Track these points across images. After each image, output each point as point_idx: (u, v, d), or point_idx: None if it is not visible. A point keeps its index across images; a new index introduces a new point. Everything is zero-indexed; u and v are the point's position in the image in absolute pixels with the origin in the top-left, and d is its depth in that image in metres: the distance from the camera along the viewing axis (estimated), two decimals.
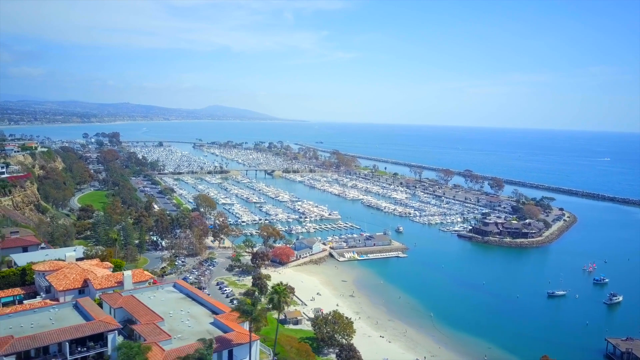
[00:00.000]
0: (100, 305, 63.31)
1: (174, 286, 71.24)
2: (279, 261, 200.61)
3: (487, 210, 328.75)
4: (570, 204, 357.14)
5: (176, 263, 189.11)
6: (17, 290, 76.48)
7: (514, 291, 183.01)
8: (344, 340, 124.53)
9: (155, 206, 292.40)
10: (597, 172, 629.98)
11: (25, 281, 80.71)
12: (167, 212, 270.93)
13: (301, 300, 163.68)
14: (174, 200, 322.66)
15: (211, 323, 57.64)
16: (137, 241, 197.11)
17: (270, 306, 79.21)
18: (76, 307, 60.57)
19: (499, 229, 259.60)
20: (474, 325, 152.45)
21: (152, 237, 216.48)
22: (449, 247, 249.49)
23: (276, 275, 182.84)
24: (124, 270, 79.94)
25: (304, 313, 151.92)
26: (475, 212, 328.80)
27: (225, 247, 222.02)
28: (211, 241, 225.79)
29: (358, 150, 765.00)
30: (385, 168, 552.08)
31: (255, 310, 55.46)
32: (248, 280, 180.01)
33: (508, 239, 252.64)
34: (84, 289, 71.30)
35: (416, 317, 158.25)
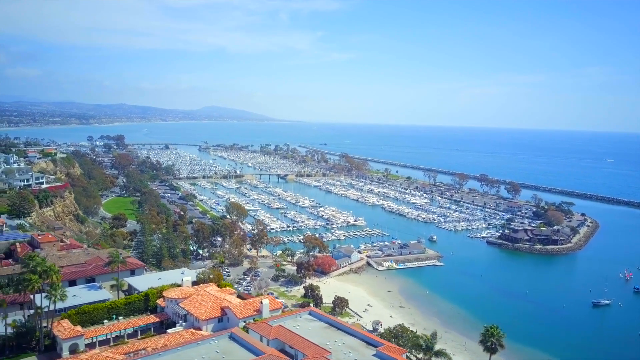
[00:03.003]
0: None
1: (310, 314, 71.93)
2: (321, 271, 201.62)
3: (508, 216, 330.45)
4: (586, 208, 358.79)
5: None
6: (152, 318, 76.98)
7: (558, 300, 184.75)
8: (413, 357, 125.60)
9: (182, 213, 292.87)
10: (604, 174, 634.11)
11: (148, 307, 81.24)
12: (196, 220, 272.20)
13: (355, 312, 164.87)
14: (198, 207, 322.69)
15: (374, 355, 58.58)
16: (178, 251, 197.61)
17: (483, 349, 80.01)
18: (232, 338, 61.22)
19: (528, 235, 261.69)
20: (528, 336, 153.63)
21: (190, 247, 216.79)
22: (481, 254, 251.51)
23: (322, 286, 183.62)
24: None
25: (362, 326, 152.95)
26: (497, 217, 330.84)
27: (263, 256, 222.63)
28: (247, 249, 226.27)
29: (363, 153, 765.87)
30: (397, 172, 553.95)
31: (435, 344, 56.72)
32: (296, 291, 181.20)
33: (538, 246, 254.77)
34: (222, 318, 72.05)
35: (470, 328, 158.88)
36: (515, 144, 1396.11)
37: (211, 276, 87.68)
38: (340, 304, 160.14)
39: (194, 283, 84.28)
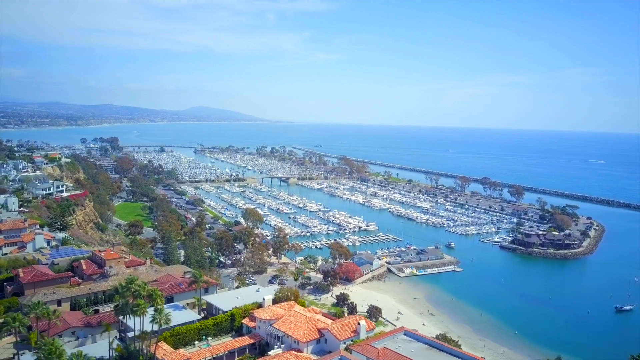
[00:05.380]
0: None
1: (405, 334, 72.69)
2: (345, 278, 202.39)
3: (516, 220, 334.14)
4: (588, 211, 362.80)
5: (247, 281, 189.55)
6: (247, 340, 76.83)
7: (581, 306, 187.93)
8: None
9: (194, 219, 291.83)
10: (599, 176, 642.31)
11: (233, 327, 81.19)
12: (209, 225, 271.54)
13: (389, 321, 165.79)
14: (209, 213, 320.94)
15: None
16: (204, 259, 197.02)
17: None
18: None
19: (541, 240, 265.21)
20: (561, 343, 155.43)
21: (210, 254, 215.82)
22: (496, 259, 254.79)
23: (349, 294, 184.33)
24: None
25: None
26: (504, 221, 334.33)
27: (284, 263, 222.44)
28: (267, 256, 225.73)
29: (361, 155, 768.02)
30: (397, 174, 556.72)
31: None
32: (325, 299, 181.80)
33: (552, 250, 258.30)
34: (320, 339, 72.39)
35: (503, 335, 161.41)
36: (508, 145, 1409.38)
37: (288, 294, 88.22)
38: (374, 312, 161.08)
39: (273, 301, 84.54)
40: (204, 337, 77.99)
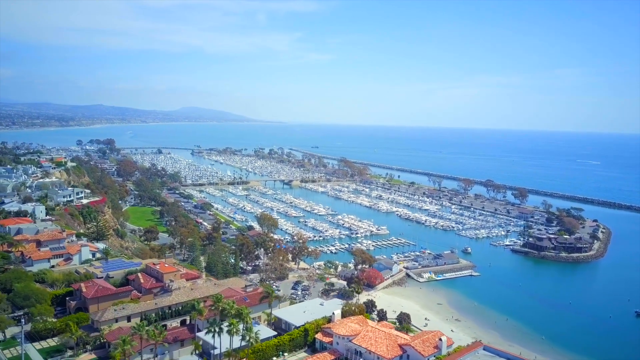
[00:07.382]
0: None
1: (485, 349, 73.71)
2: (367, 284, 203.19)
3: (522, 222, 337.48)
4: (591, 213, 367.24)
5: (272, 288, 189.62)
6: (328, 356, 77.26)
7: (601, 310, 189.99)
8: None
9: (206, 224, 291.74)
10: (596, 178, 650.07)
11: (306, 342, 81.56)
12: (222, 231, 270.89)
13: (418, 328, 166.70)
14: (220, 218, 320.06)
15: None
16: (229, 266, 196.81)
17: None
18: None
19: (553, 243, 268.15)
20: (588, 348, 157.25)
21: (233, 260, 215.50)
22: (509, 263, 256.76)
23: (374, 300, 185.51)
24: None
25: None
26: (512, 224, 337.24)
27: (303, 269, 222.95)
28: (285, 262, 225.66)
29: (359, 157, 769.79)
30: (399, 176, 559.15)
31: None
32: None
33: (564, 254, 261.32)
34: (402, 356, 73.14)
35: (531, 341, 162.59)
36: (504, 146, 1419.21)
37: (354, 308, 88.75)
38: (404, 319, 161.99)
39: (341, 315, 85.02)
40: (280, 353, 78.47)
